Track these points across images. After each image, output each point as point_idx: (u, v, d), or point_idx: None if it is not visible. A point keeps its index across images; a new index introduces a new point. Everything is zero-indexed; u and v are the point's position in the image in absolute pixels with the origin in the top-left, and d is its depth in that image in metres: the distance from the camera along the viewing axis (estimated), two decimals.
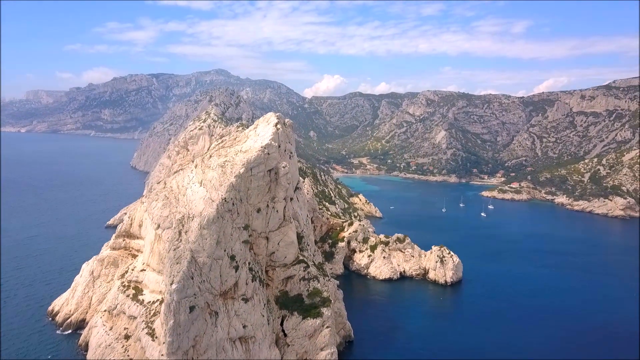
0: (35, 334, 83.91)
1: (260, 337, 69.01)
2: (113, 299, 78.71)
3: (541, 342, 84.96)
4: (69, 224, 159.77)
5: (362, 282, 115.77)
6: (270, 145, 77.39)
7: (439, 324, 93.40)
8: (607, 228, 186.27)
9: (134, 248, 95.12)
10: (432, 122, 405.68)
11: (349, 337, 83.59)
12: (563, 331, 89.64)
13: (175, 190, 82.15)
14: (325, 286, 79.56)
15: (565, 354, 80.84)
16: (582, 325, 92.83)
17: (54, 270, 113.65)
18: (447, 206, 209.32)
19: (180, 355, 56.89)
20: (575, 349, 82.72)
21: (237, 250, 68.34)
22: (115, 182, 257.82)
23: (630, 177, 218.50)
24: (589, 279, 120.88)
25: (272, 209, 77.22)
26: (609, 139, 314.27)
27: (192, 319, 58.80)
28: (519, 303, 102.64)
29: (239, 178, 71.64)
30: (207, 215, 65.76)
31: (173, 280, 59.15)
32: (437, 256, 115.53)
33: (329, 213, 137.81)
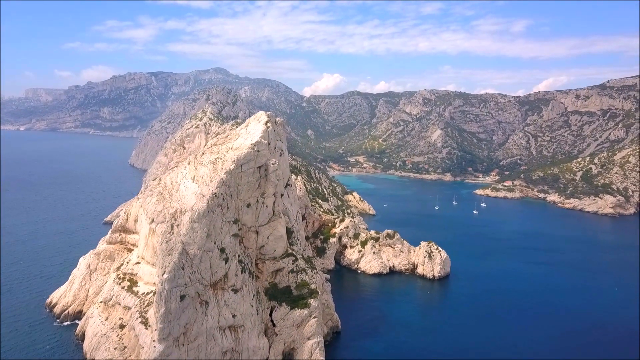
0: (34, 325, 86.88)
1: (249, 326, 72.15)
2: (109, 291, 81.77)
3: (519, 332, 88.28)
4: (68, 221, 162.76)
5: (353, 277, 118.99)
6: (260, 142, 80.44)
7: (424, 316, 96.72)
8: (595, 226, 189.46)
9: (130, 242, 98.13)
10: (428, 121, 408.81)
11: (336, 328, 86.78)
12: (542, 323, 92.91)
13: (169, 186, 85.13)
14: (313, 278, 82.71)
15: (540, 344, 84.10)
16: (562, 317, 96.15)
17: (52, 265, 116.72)
18: (440, 204, 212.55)
19: (171, 341, 59.99)
20: (551, 339, 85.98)
21: (227, 243, 71.43)
22: (113, 180, 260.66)
23: (621, 175, 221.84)
24: (575, 275, 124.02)
25: (262, 204, 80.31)
26: (603, 138, 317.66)
27: (183, 307, 61.90)
28: (504, 297, 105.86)
29: (229, 174, 74.68)
30: (197, 209, 68.82)
31: (165, 270, 62.22)
32: (425, 251, 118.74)
33: (321, 210, 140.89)
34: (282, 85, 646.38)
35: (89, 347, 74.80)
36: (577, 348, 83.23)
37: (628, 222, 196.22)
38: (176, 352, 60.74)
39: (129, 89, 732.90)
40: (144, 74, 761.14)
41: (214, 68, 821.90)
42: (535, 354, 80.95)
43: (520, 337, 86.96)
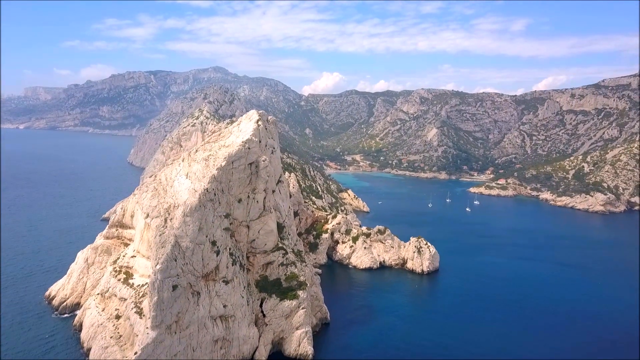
0: (33, 317, 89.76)
1: (240, 316, 75.30)
2: (105, 283, 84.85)
3: (499, 323, 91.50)
4: (67, 217, 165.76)
5: (344, 271, 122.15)
6: (251, 140, 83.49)
7: (412, 309, 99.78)
8: (584, 223, 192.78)
9: (126, 237, 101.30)
10: (425, 120, 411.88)
11: (325, 320, 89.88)
12: (524, 314, 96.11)
13: (163, 182, 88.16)
14: (302, 271, 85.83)
15: (520, 332, 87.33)
16: (542, 308, 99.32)
17: (51, 259, 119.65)
18: (433, 202, 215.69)
19: (164, 329, 63.09)
20: (528, 326, 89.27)
21: (218, 237, 74.52)
22: (111, 178, 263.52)
23: (612, 174, 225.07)
24: (560, 270, 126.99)
25: (253, 200, 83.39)
26: (597, 136, 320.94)
27: (175, 297, 64.99)
28: (490, 291, 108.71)
29: (221, 170, 77.75)
30: (190, 204, 71.89)
31: (158, 261, 65.29)
32: (414, 247, 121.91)
33: (314, 206, 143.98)
34: (280, 84, 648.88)
35: (86, 337, 77.87)
36: (553, 332, 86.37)
37: (617, 219, 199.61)
38: (168, 339, 63.84)
39: (128, 87, 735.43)
40: (143, 73, 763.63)
41: (212, 67, 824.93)
42: (514, 340, 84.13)
43: (504, 328, 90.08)
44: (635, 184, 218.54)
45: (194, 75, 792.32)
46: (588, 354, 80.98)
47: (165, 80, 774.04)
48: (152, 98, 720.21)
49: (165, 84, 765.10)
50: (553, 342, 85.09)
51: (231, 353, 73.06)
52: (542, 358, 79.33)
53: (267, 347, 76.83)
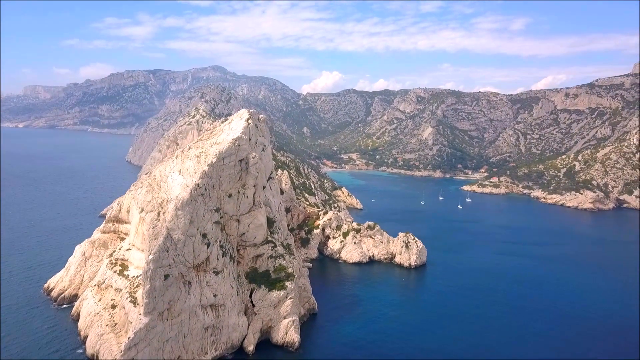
0: (33, 308, 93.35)
1: (230, 305, 79.04)
2: (102, 275, 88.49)
3: (480, 313, 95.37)
4: (66, 214, 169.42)
5: (334, 265, 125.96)
6: (241, 138, 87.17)
7: (398, 301, 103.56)
8: (572, 220, 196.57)
9: (122, 232, 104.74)
10: (421, 119, 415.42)
11: (313, 310, 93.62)
12: (503, 307, 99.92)
13: (158, 178, 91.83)
14: (290, 263, 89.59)
15: (492, 325, 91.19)
16: (523, 301, 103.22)
17: (50, 254, 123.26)
18: (426, 199, 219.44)
19: (156, 315, 66.79)
20: (502, 313, 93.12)
21: (208, 229, 78.25)
22: (110, 176, 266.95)
23: (602, 172, 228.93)
24: (543, 265, 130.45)
25: (243, 195, 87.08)
26: (590, 135, 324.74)
27: (167, 286, 68.70)
28: (473, 284, 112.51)
29: (212, 167, 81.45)
30: (181, 198, 75.59)
31: (151, 252, 68.98)
32: (402, 242, 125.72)
33: (307, 203, 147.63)
34: (279, 83, 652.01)
35: (83, 325, 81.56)
36: (530, 318, 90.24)
37: (605, 217, 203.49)
38: (160, 325, 67.56)
39: (127, 86, 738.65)
40: (142, 72, 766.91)
41: (211, 66, 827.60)
42: (492, 329, 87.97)
43: (485, 318, 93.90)
44: (624, 182, 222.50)
45: (193, 74, 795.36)
46: (567, 340, 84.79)
47: (164, 79, 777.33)
48: (151, 97, 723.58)
49: (164, 83, 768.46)
50: (526, 328, 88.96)
51: (221, 340, 76.81)
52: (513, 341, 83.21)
53: (256, 335, 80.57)
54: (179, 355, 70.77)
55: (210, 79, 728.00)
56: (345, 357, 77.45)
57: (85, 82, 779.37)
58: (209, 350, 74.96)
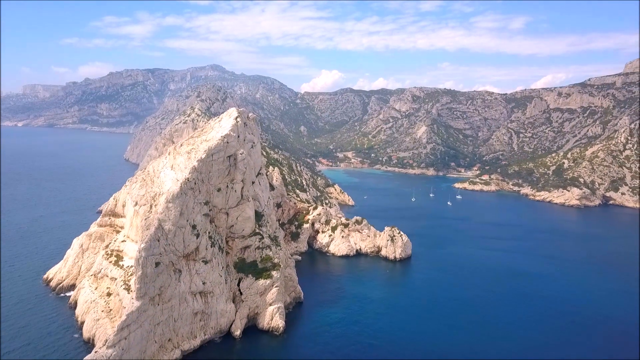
0: (33, 296, 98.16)
1: (218, 292, 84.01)
2: (98, 265, 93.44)
3: (458, 301, 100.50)
4: (65, 210, 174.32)
5: (323, 258, 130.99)
6: (229, 135, 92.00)
7: (382, 290, 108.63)
8: (558, 216, 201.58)
9: (118, 225, 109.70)
10: (417, 117, 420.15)
11: (299, 299, 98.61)
12: (481, 295, 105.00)
13: (151, 174, 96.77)
14: (277, 254, 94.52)
15: (467, 312, 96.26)
16: (499, 291, 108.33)
17: (49, 247, 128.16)
18: (417, 196, 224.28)
19: (147, 300, 71.64)
20: (482, 309, 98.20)
21: (198, 221, 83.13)
22: (108, 174, 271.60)
23: (589, 169, 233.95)
24: (524, 260, 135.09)
25: (231, 189, 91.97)
26: (581, 134, 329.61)
27: (158, 272, 73.56)
28: (453, 276, 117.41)
29: (201, 162, 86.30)
30: (172, 191, 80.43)
31: (143, 241, 73.86)
32: (388, 235, 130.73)
33: (298, 199, 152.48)
34: (277, 82, 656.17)
35: (80, 312, 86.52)
36: (503, 308, 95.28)
37: (591, 213, 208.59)
38: (152, 309, 72.44)
39: (126, 85, 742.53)
40: (141, 71, 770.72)
41: (210, 65, 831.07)
42: (466, 315, 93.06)
43: (462, 305, 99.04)
44: (611, 179, 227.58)
45: (192, 73, 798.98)
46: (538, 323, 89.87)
47: (163, 78, 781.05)
48: (150, 96, 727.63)
49: (163, 82, 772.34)
50: (496, 316, 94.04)
51: (209, 325, 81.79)
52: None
53: (243, 321, 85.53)
54: (170, 338, 75.74)
55: (208, 78, 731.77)
56: (327, 341, 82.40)
57: (84, 81, 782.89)
58: (198, 334, 79.95)
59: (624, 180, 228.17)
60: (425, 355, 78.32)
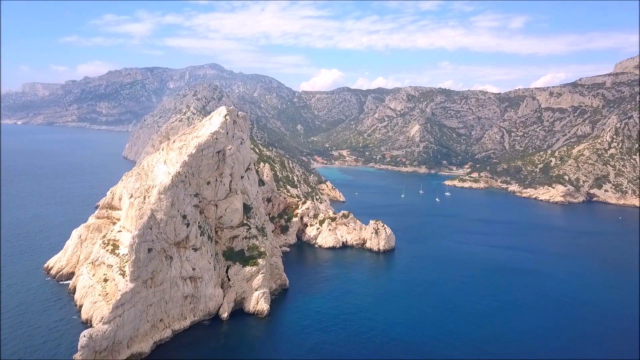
0: (34, 284, 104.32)
1: (207, 278, 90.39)
2: (96, 253, 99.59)
3: (433, 290, 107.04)
4: (65, 205, 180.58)
5: (310, 250, 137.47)
6: (218, 132, 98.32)
7: (365, 279, 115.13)
8: (542, 212, 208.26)
9: (115, 217, 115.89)
10: (411, 117, 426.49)
11: (284, 286, 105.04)
12: (459, 283, 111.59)
13: (146, 168, 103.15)
14: (263, 243, 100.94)
15: (443, 298, 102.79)
16: (475, 283, 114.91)
17: (49, 240, 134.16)
18: (407, 193, 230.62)
19: (140, 283, 77.98)
20: (458, 297, 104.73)
21: (188, 212, 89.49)
22: (106, 171, 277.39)
23: (574, 167, 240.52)
24: (501, 253, 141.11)
25: (220, 183, 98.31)
26: (571, 133, 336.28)
27: (150, 258, 79.90)
28: (433, 268, 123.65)
29: (191, 157, 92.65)
30: (164, 183, 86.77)
31: (136, 228, 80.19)
32: (373, 228, 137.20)
33: (288, 194, 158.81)
34: (275, 81, 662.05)
35: (79, 296, 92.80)
36: (478, 296, 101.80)
37: (574, 209, 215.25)
38: (144, 291, 78.80)
39: (125, 84, 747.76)
40: (139, 70, 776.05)
41: (208, 64, 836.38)
42: (439, 299, 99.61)
43: (437, 294, 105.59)
44: (595, 177, 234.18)
45: (190, 72, 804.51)
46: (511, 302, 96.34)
47: (161, 76, 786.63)
48: (149, 94, 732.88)
49: (161, 81, 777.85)
50: (470, 303, 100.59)
51: (199, 308, 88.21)
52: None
53: (230, 305, 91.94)
54: (161, 318, 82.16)
55: (207, 76, 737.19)
56: (309, 323, 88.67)
57: (84, 79, 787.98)
58: (188, 315, 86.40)
59: (607, 177, 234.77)
60: (399, 334, 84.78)
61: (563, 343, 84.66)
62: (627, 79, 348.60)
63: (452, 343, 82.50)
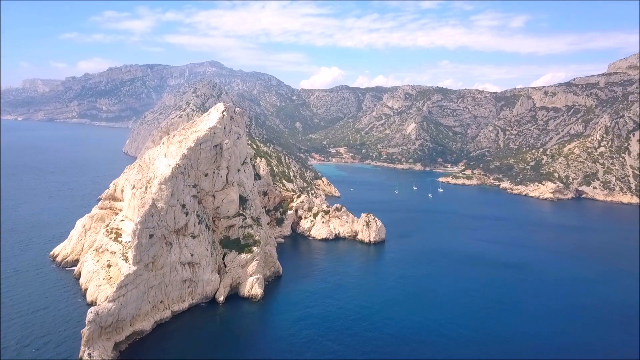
0: (41, 270, 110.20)
1: (205, 264, 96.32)
2: (99, 241, 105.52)
3: (419, 277, 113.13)
4: (68, 198, 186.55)
5: (304, 241, 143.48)
6: (216, 127, 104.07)
7: (355, 268, 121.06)
8: (529, 208, 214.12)
9: (117, 208, 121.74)
10: (408, 115, 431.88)
11: (278, 273, 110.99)
12: (441, 269, 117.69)
13: (147, 161, 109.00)
14: (258, 233, 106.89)
15: (428, 282, 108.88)
16: (457, 268, 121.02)
17: (54, 231, 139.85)
18: (400, 189, 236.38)
19: (142, 266, 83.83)
20: (438, 281, 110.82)
21: (187, 201, 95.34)
22: (107, 166, 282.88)
23: (564, 165, 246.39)
24: (485, 246, 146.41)
25: (217, 175, 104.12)
26: (564, 132, 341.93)
27: (151, 243, 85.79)
28: (420, 258, 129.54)
29: (190, 150, 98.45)
30: (164, 174, 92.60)
31: (139, 216, 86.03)
32: (364, 221, 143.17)
33: (284, 188, 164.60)
34: (274, 78, 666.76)
35: (84, 280, 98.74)
36: (461, 282, 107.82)
37: (563, 205, 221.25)
38: (146, 274, 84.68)
39: (125, 80, 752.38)
40: (140, 66, 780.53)
41: (208, 61, 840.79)
42: (423, 285, 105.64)
43: (421, 279, 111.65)
44: (584, 174, 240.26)
45: (190, 69, 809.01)
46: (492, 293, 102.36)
47: (162, 73, 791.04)
48: (149, 91, 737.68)
49: (161, 78, 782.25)
50: (451, 288, 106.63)
51: (197, 291, 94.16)
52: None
53: (226, 289, 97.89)
54: (162, 300, 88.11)
55: (207, 74, 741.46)
56: (301, 307, 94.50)
57: (84, 76, 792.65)
58: (186, 298, 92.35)
59: (596, 175, 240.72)
60: (387, 314, 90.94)
61: (546, 329, 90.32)
62: (620, 79, 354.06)
63: (411, 312, 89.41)
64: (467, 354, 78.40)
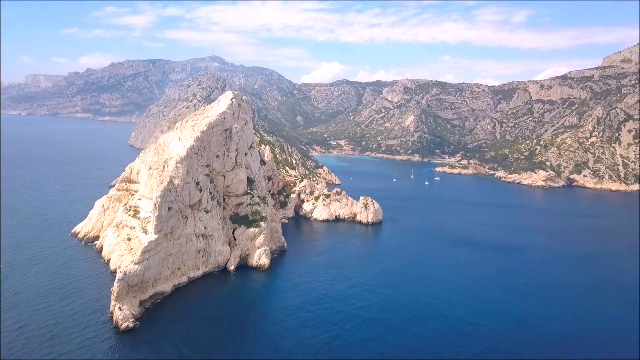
0: (66, 246, 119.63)
1: (217, 236, 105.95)
2: (119, 218, 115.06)
3: (411, 252, 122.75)
4: (81, 186, 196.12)
5: (306, 222, 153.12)
6: (225, 112, 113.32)
7: (353, 245, 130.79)
8: (520, 194, 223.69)
9: (133, 189, 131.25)
10: (407, 108, 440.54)
11: (282, 247, 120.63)
12: (432, 247, 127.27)
13: (162, 144, 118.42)
14: (264, 210, 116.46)
15: (420, 258, 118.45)
16: (445, 250, 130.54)
17: (72, 213, 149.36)
18: (398, 177, 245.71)
19: (162, 235, 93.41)
20: (431, 259, 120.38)
21: (201, 179, 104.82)
22: (116, 158, 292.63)
23: (557, 154, 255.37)
24: (477, 229, 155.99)
25: (227, 156, 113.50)
26: (559, 124, 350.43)
27: (170, 215, 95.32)
28: (412, 238, 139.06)
29: (203, 133, 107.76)
30: (180, 154, 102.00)
31: (158, 191, 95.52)
32: (362, 203, 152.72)
33: (287, 174, 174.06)
34: (275, 73, 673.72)
35: (106, 252, 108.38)
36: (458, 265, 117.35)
37: (553, 192, 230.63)
38: (165, 243, 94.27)
39: (128, 75, 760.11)
40: (142, 62, 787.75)
41: (210, 56, 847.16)
42: (413, 259, 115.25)
43: (411, 254, 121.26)
44: (575, 163, 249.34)
45: (192, 64, 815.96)
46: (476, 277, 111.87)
47: (163, 68, 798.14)
48: (151, 86, 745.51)
49: (163, 73, 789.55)
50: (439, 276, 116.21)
51: (210, 261, 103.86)
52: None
53: (236, 260, 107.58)
54: (179, 267, 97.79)
55: (208, 69, 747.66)
56: (302, 274, 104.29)
57: (87, 71, 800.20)
58: (200, 266, 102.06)
59: (587, 164, 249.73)
60: (381, 281, 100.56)
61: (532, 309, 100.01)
62: (614, 72, 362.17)
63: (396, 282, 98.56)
64: (444, 309, 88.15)
